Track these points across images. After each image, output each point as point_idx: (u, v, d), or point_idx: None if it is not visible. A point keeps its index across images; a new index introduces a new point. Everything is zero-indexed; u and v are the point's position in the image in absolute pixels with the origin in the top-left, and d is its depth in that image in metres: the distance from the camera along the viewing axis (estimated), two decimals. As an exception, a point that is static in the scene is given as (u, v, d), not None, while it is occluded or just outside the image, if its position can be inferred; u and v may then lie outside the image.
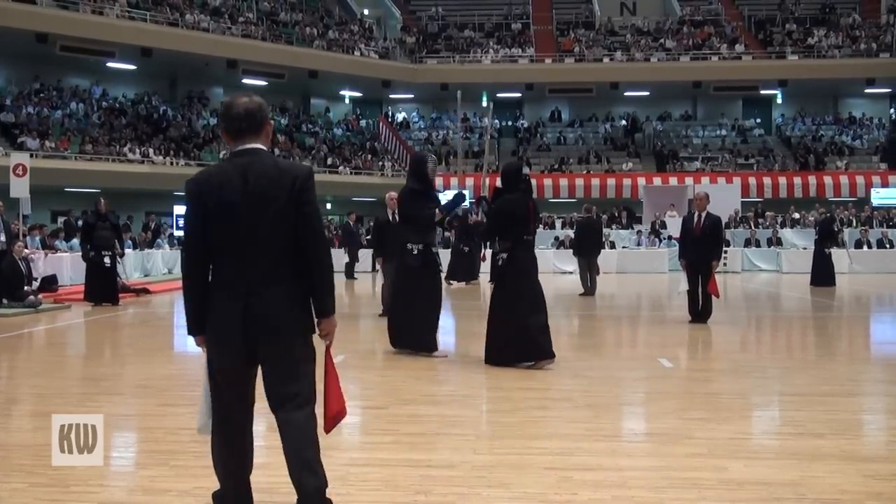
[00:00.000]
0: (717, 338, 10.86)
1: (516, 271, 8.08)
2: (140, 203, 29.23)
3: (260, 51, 33.15)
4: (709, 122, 40.40)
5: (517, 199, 8.17)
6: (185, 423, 5.71)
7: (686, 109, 41.08)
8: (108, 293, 14.89)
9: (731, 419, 5.93)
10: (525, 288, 8.06)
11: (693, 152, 37.06)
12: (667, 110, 40.79)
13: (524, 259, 8.15)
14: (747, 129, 39.56)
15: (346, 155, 35.94)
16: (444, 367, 8.08)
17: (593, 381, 7.42)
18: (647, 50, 38.27)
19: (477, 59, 38.56)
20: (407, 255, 8.91)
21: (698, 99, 40.33)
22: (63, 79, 32.42)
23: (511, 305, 8.02)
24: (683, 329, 11.78)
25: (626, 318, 13.78)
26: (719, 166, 35.50)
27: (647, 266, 25.54)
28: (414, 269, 8.86)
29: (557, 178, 34.62)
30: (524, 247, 8.20)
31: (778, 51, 37.64)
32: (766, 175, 34.33)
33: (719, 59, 37.24)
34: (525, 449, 5.16)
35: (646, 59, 37.61)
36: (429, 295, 8.82)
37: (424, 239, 8.89)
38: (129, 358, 9.27)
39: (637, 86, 38.03)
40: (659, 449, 5.16)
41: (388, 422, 5.84)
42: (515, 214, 8.11)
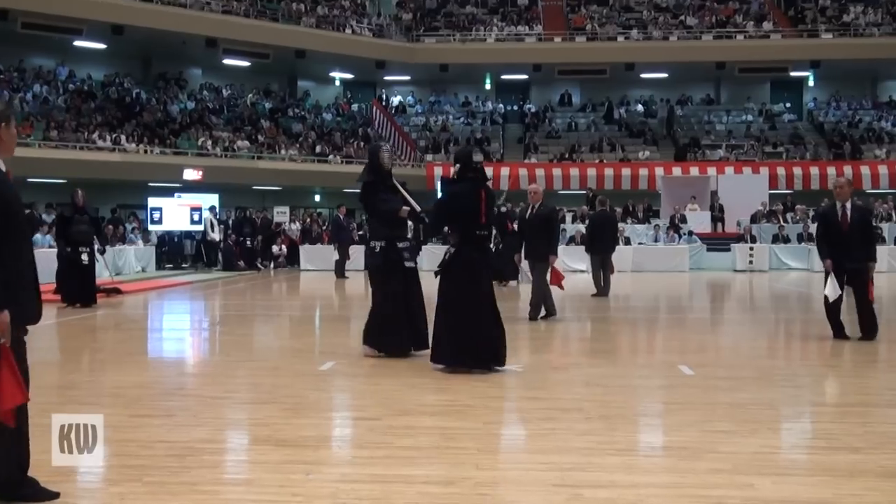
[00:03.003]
0: (742, 343, 10.85)
1: (462, 270, 8.04)
2: (110, 195, 29.25)
3: (242, 28, 33.12)
4: (733, 106, 40.36)
5: (467, 188, 8.15)
6: (160, 436, 5.71)
7: (708, 93, 41.04)
8: (86, 293, 14.90)
9: (758, 432, 5.92)
10: (468, 290, 8.02)
11: (716, 140, 37.01)
12: (687, 94, 40.74)
13: (472, 257, 8.08)
14: (776, 114, 39.54)
15: (336, 142, 35.92)
16: (443, 375, 8.08)
17: (607, 390, 7.41)
18: (666, 27, 38.23)
19: (480, 37, 38.52)
20: (369, 253, 9.14)
21: (722, 81, 40.28)
22: (25, 59, 32.35)
23: (449, 305, 8.06)
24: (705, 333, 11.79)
25: (642, 321, 13.78)
26: (745, 155, 35.47)
27: (665, 264, 25.54)
28: (376, 267, 9.03)
29: (567, 168, 34.60)
30: (475, 242, 8.14)
31: (810, 28, 37.61)
32: (796, 165, 34.30)
33: (745, 37, 37.20)
34: (532, 464, 5.15)
35: (664, 37, 37.57)
36: (390, 294, 8.89)
37: (387, 235, 8.98)
38: (99, 364, 9.26)
39: (655, 67, 37.98)
40: (678, 464, 5.15)
41: (382, 434, 5.83)
42: (464, 205, 8.09)
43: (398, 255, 8.97)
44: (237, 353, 9.71)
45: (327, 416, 6.71)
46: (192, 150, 31.69)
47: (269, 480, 4.82)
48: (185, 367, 9.40)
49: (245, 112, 36.30)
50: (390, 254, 8.93)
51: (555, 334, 11.45)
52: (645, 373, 8.49)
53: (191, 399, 7.15)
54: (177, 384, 7.97)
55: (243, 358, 9.35)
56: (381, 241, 8.98)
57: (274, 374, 8.39)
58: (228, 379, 8.14)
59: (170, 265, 26.36)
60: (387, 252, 8.93)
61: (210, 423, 6.19)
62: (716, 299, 18.91)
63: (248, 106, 37.07)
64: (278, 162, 32.70)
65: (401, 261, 8.98)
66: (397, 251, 8.96)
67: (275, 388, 7.64)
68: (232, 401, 7.11)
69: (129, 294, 17.51)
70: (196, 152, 31.62)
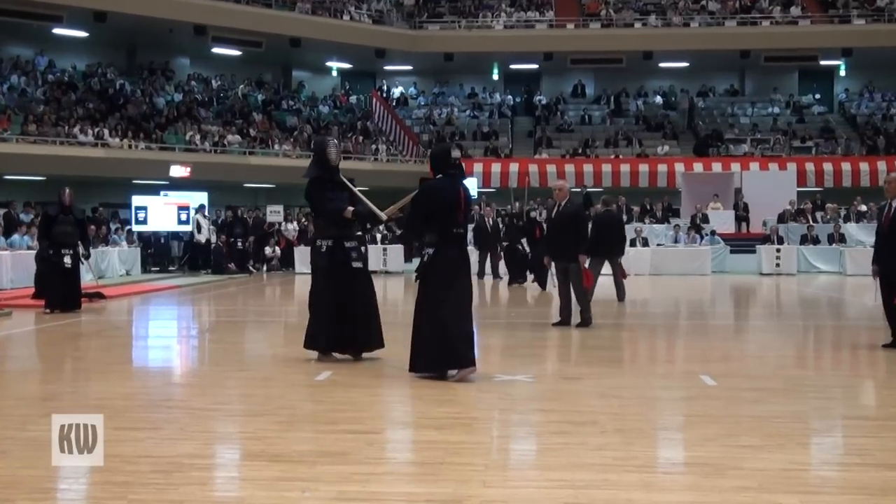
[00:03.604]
0: (768, 351, 10.84)
1: (442, 270, 8.19)
2: (92, 193, 29.28)
3: (233, 15, 33.16)
4: (759, 98, 40.36)
5: (444, 184, 8.31)
6: (146, 450, 5.72)
7: (732, 83, 41.03)
8: (68, 298, 14.91)
9: (786, 447, 5.92)
10: (451, 289, 8.17)
11: (740, 133, 37.00)
12: (709, 84, 40.75)
13: (451, 256, 8.26)
14: (804, 106, 39.51)
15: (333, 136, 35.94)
16: (448, 386, 8.08)
17: (623, 402, 7.41)
18: (687, 13, 38.23)
19: (487, 24, 38.56)
20: (315, 252, 9.34)
21: (747, 71, 40.28)
22: (1, 48, 32.45)
23: (434, 307, 8.17)
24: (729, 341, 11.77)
25: (661, 328, 13.77)
26: (771, 150, 35.44)
27: (686, 266, 25.53)
28: (321, 267, 9.24)
29: (581, 164, 34.57)
30: (453, 241, 8.31)
31: (841, 14, 37.58)
32: (826, 160, 34.27)
33: (772, 23, 37.19)
34: (543, 481, 5.15)
35: (685, 23, 37.57)
36: (330, 294, 9.09)
37: (334, 234, 9.17)
38: (81, 374, 9.28)
39: (675, 55, 37.99)
40: (700, 482, 5.14)
41: (383, 449, 5.84)
42: (442, 202, 8.23)
43: (345, 255, 9.19)
44: (227, 363, 9.72)
45: (324, 430, 6.70)
46: (180, 145, 31.73)
47: (262, 498, 4.82)
48: (172, 377, 9.42)
49: (236, 104, 36.33)
50: (336, 254, 9.15)
51: (568, 342, 11.44)
52: (664, 383, 8.49)
53: (178, 411, 7.16)
54: (163, 395, 7.98)
55: (234, 367, 9.36)
56: (327, 240, 9.20)
57: (267, 384, 8.39)
58: (218, 390, 8.15)
59: (156, 268, 26.39)
60: (333, 252, 9.15)
61: (199, 436, 6.20)
62: (740, 304, 18.89)
63: (240, 98, 37.10)
64: (271, 158, 32.74)
65: (347, 261, 9.19)
66: (344, 251, 9.18)
67: (268, 399, 7.64)
68: (222, 413, 7.12)
69: (113, 299, 17.53)
70: (184, 147, 31.66)
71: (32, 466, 5.28)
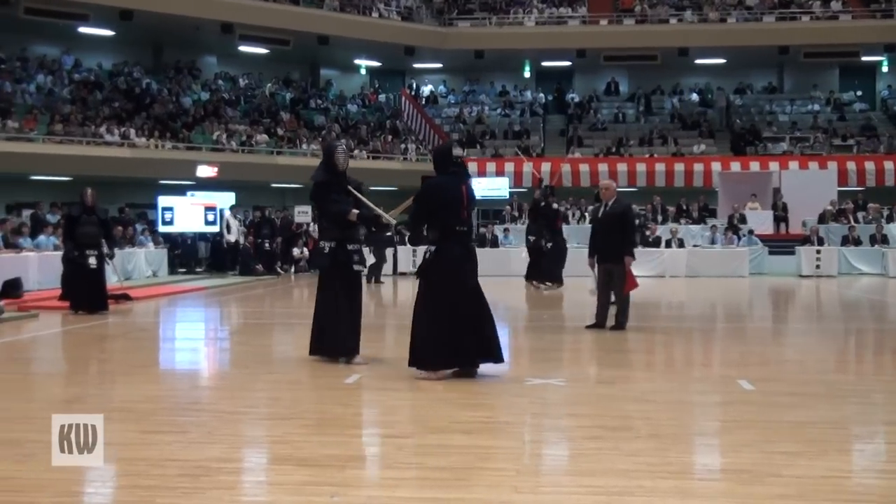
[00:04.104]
0: (807, 356, 10.76)
1: (443, 267, 8.36)
2: (118, 193, 29.50)
3: (260, 12, 33.32)
4: (798, 95, 40.08)
5: (446, 182, 8.49)
6: (173, 454, 5.76)
7: (770, 80, 40.79)
8: (94, 299, 15.05)
9: (827, 454, 5.87)
10: (452, 287, 8.31)
11: (779, 132, 36.79)
12: (747, 81, 40.53)
13: (453, 253, 8.40)
14: (845, 103, 39.20)
15: (362, 136, 36.06)
16: (480, 390, 8.09)
17: (658, 407, 7.38)
18: (724, 9, 38.03)
19: (518, 20, 38.54)
20: (317, 253, 9.72)
21: (785, 67, 40.03)
22: (28, 47, 32.79)
23: (434, 305, 8.33)
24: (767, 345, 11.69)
25: (697, 331, 13.71)
26: (811, 148, 35.20)
27: (723, 268, 25.38)
28: (323, 268, 9.60)
29: (614, 163, 34.46)
30: (455, 239, 8.45)
31: (884, 9, 37.20)
32: (868, 159, 33.97)
33: (811, 18, 36.91)
34: (576, 487, 5.14)
35: (721, 19, 37.37)
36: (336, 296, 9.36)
37: (338, 236, 9.44)
38: (107, 376, 9.36)
39: (711, 52, 37.81)
40: (737, 489, 5.12)
41: (413, 454, 5.85)
42: (443, 199, 8.40)
43: (347, 256, 9.47)
44: (255, 365, 9.77)
45: (353, 434, 6.73)
46: (207, 144, 31.92)
47: (289, 503, 4.84)
48: (199, 380, 9.48)
49: (263, 103, 36.52)
50: (339, 255, 9.43)
51: (601, 345, 11.40)
52: (700, 388, 8.45)
53: (205, 414, 7.21)
54: (190, 398, 8.04)
55: (262, 370, 9.40)
56: (330, 241, 9.49)
57: (295, 387, 8.43)
58: (246, 393, 8.19)
59: (183, 269, 26.56)
60: (335, 253, 9.42)
61: (226, 440, 6.23)
62: (779, 307, 18.76)
63: (267, 97, 37.30)
64: (299, 157, 32.86)
65: (349, 263, 9.47)
66: (346, 253, 9.46)
67: (296, 402, 7.68)
68: (250, 416, 7.16)
69: (139, 301, 17.67)
70: (210, 147, 31.85)
71: (60, 469, 5.32)
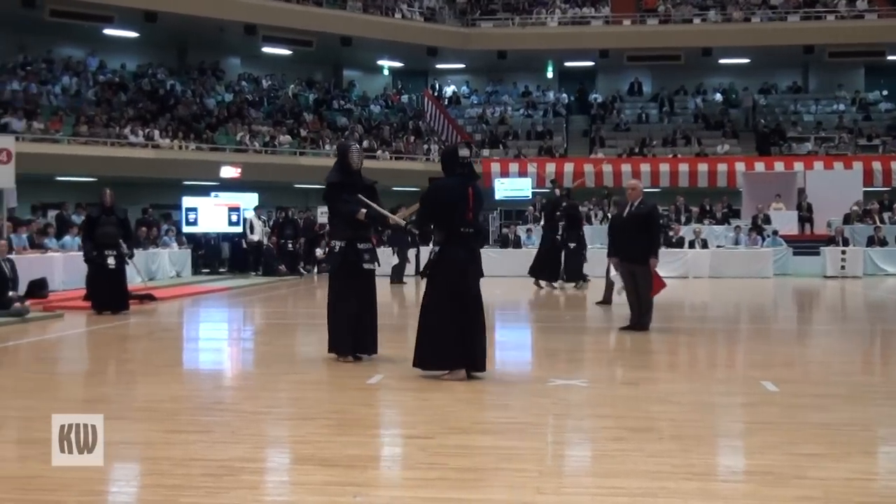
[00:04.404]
0: (833, 357, 10.70)
1: (448, 268, 8.40)
2: (143, 194, 29.67)
3: (283, 13, 33.44)
4: (823, 94, 39.83)
5: (453, 183, 8.53)
6: (197, 453, 5.79)
7: (795, 80, 40.56)
8: (115, 299, 15.14)
9: (851, 455, 5.84)
10: (456, 289, 8.36)
11: (803, 132, 36.58)
12: (771, 81, 40.31)
13: (458, 255, 8.43)
14: (871, 102, 38.91)
15: (384, 136, 36.13)
16: (502, 391, 8.09)
17: (681, 408, 7.36)
18: (748, 8, 37.84)
19: (541, 20, 38.48)
20: (329, 252, 9.86)
21: (810, 67, 39.78)
22: (53, 49, 33.05)
23: (437, 306, 8.39)
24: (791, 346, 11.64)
25: (721, 332, 13.65)
26: (836, 148, 34.98)
27: (746, 269, 25.24)
28: (334, 267, 9.77)
29: (638, 163, 34.34)
30: (460, 241, 8.47)
31: (909, 7, 36.98)
32: (894, 158, 33.70)
33: (836, 17, 36.66)
34: (598, 489, 5.13)
35: (746, 18, 37.19)
36: (346, 295, 9.52)
37: (348, 235, 9.58)
38: (132, 376, 9.41)
39: (735, 52, 37.63)
40: (761, 491, 5.10)
41: (434, 454, 5.85)
42: (449, 201, 8.45)
43: (357, 256, 9.60)
44: (278, 366, 9.80)
45: (375, 434, 6.75)
46: (230, 145, 32.07)
47: (312, 503, 4.86)
48: (222, 380, 9.53)
49: (286, 104, 36.65)
50: (349, 255, 9.56)
51: (624, 346, 11.38)
52: (724, 389, 8.42)
53: (229, 414, 7.24)
54: (214, 398, 8.08)
55: (285, 370, 9.43)
56: (341, 241, 9.63)
57: (317, 387, 8.46)
58: (269, 393, 8.22)
59: (206, 270, 26.67)
60: (346, 253, 9.56)
61: (249, 440, 6.26)
62: (803, 308, 18.67)
63: (290, 98, 37.42)
64: (322, 158, 32.87)
65: (359, 262, 9.60)
66: (356, 252, 9.60)
67: (318, 402, 7.70)
68: (273, 416, 7.19)
69: (163, 301, 17.76)
70: (234, 148, 32.00)
71: (83, 469, 5.36)
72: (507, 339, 12.86)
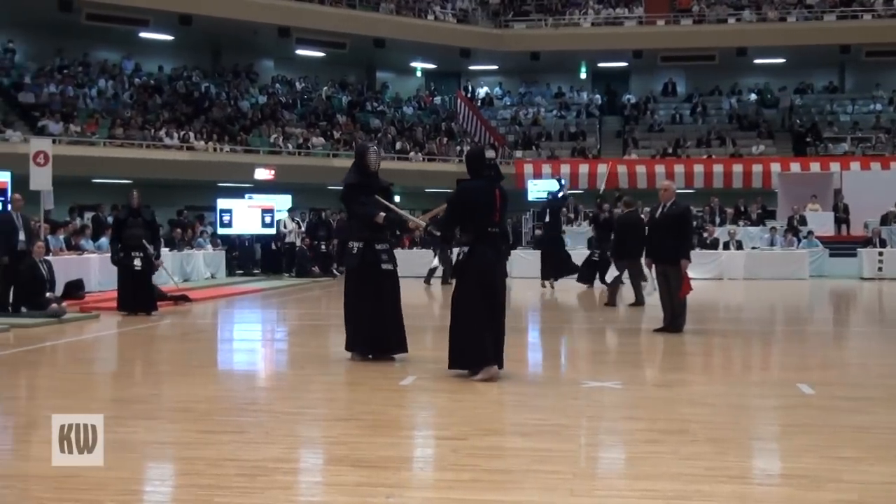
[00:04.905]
0: (869, 359, 10.60)
1: (476, 268, 8.44)
2: (178, 196, 29.90)
3: (317, 16, 33.61)
4: (860, 94, 39.47)
5: (480, 185, 8.60)
6: (230, 453, 5.82)
7: (831, 80, 40.21)
8: (141, 300, 15.26)
9: (889, 459, 5.79)
10: (486, 289, 8.40)
11: (840, 132, 36.26)
12: (807, 81, 39.99)
13: (486, 255, 8.48)
14: (909, 102, 38.54)
15: (417, 138, 36.18)
16: (535, 392, 8.08)
17: (715, 410, 7.32)
18: (783, 7, 37.57)
19: (574, 21, 38.40)
20: (346, 253, 9.96)
21: (847, 66, 39.43)
22: (90, 52, 33.40)
23: (466, 306, 8.45)
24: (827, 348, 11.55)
25: (755, 334, 13.54)
26: (873, 149, 34.65)
27: (782, 271, 25.05)
28: (352, 268, 9.83)
29: (672, 164, 34.17)
30: (488, 241, 8.53)
31: (949, 6, 36.56)
32: (932, 159, 33.36)
33: (873, 16, 36.33)
34: (631, 491, 5.11)
35: (781, 18, 36.93)
36: (363, 295, 9.59)
37: (366, 236, 9.65)
38: (166, 377, 9.49)
39: (770, 51, 37.38)
40: (797, 494, 5.06)
41: (467, 456, 5.85)
42: (477, 202, 8.51)
43: (375, 256, 9.67)
44: (311, 366, 9.85)
45: (408, 435, 6.76)
46: (264, 147, 32.25)
47: (345, 504, 4.88)
48: (256, 381, 9.58)
49: (320, 106, 36.81)
50: (367, 255, 9.63)
51: (657, 347, 11.33)
52: (758, 391, 8.37)
53: (262, 415, 7.28)
54: (248, 399, 8.12)
55: (318, 371, 9.47)
56: (359, 242, 9.69)
57: (351, 388, 8.49)
58: (302, 393, 8.26)
59: (240, 271, 26.82)
60: (364, 254, 9.63)
61: (283, 440, 6.29)
62: (840, 310, 18.51)
63: (323, 100, 37.57)
64: (355, 160, 33.02)
65: (377, 263, 9.67)
66: (374, 253, 9.66)
67: (352, 403, 7.73)
68: (306, 417, 7.22)
69: (198, 302, 17.89)
70: (268, 150, 32.18)
71: (120, 468, 5.42)
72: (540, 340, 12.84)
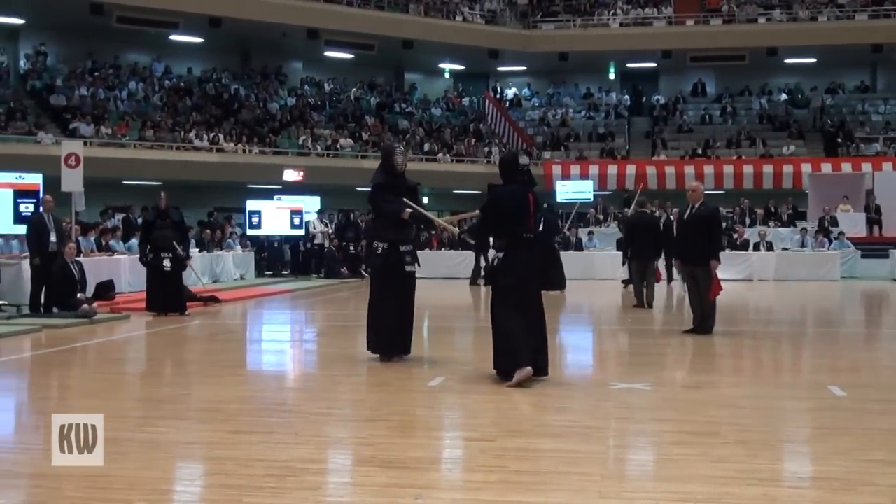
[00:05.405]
0: (902, 361, 10.50)
1: (512, 272, 8.44)
2: (207, 197, 30.10)
3: (346, 17, 33.72)
4: (892, 94, 39.15)
5: (514, 190, 8.63)
6: (259, 454, 5.85)
7: (863, 80, 39.91)
8: (170, 301, 15.35)
9: (922, 462, 5.73)
10: (518, 293, 8.41)
11: (871, 132, 35.98)
12: (839, 81, 39.70)
13: (521, 259, 8.48)
14: (942, 102, 38.19)
15: (445, 139, 36.21)
16: (564, 393, 8.06)
17: (746, 412, 7.28)
18: (814, 7, 37.30)
19: (603, 22, 38.30)
20: (371, 254, 10.04)
21: (878, 66, 39.13)
22: (120, 55, 33.70)
23: (502, 311, 8.45)
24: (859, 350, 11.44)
25: (786, 336, 13.45)
26: (905, 149, 34.36)
27: (813, 272, 24.86)
28: (376, 269, 9.95)
29: (701, 165, 34.02)
30: (523, 246, 8.53)
31: (981, 4, 36.18)
32: (965, 159, 33.03)
33: (905, 16, 36.01)
34: (661, 493, 5.09)
35: (812, 17, 36.67)
36: (387, 296, 9.67)
37: (391, 237, 9.69)
38: (196, 377, 9.54)
39: (801, 51, 37.14)
40: (829, 497, 5.03)
41: (496, 457, 5.85)
42: (510, 208, 8.53)
43: (399, 258, 9.72)
44: (340, 367, 9.87)
45: (436, 436, 6.76)
46: (293, 149, 32.40)
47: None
48: (285, 382, 9.62)
49: (348, 108, 36.93)
50: (391, 256, 9.69)
51: (687, 349, 11.28)
52: (789, 393, 8.32)
53: (291, 415, 7.31)
54: (277, 399, 8.15)
55: (346, 372, 9.49)
56: (383, 242, 9.74)
57: (379, 389, 8.50)
58: (331, 394, 8.29)
59: (269, 272, 26.92)
60: (388, 254, 9.69)
61: (311, 441, 6.31)
62: (872, 312, 18.34)
63: (352, 101, 37.70)
64: (384, 161, 33.08)
65: (401, 264, 9.72)
66: (398, 254, 9.73)
67: (380, 404, 7.74)
68: (334, 418, 7.24)
69: (227, 303, 17.98)
70: (296, 151, 32.32)
71: (150, 468, 5.46)
72: (570, 341, 12.81)
